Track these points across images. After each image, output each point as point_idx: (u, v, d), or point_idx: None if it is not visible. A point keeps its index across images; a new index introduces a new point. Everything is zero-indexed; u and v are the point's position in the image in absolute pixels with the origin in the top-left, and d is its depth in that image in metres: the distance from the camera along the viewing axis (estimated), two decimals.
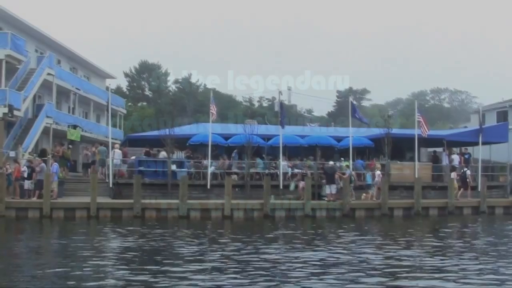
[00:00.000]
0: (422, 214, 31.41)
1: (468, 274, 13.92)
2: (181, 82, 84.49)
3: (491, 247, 19.58)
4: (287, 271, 14.29)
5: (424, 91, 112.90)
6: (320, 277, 13.26)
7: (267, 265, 14.98)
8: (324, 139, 37.43)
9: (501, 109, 51.18)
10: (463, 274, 13.93)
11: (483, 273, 14.19)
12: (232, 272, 13.97)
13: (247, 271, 14.08)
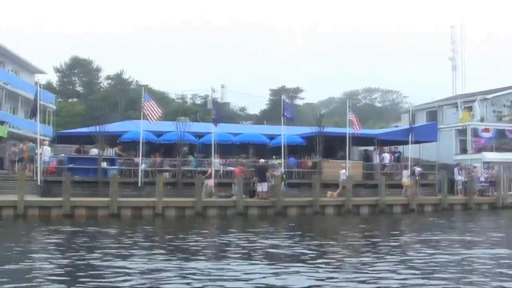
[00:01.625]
0: (353, 212, 33.01)
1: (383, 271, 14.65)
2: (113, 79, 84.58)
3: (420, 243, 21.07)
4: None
5: (356, 91, 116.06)
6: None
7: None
8: (257, 137, 38.80)
9: (431, 109, 54.08)
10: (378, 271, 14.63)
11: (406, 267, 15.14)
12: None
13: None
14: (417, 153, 41.61)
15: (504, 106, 49.97)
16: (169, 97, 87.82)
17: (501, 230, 26.82)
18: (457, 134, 46.85)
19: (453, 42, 67.40)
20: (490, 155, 44.35)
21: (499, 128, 46.57)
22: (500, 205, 38.18)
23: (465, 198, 37.93)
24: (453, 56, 67.41)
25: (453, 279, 13.54)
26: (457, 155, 45.87)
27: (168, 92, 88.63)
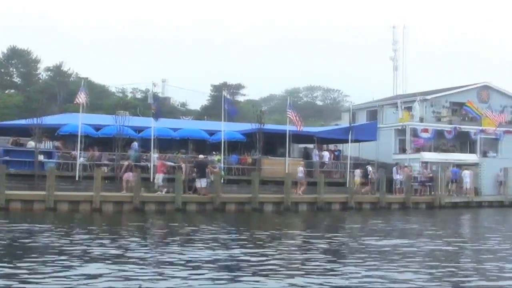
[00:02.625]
0: (292, 209, 34.12)
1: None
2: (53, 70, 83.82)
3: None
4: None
5: (298, 88, 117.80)
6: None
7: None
8: (197, 132, 39.60)
9: (372, 108, 55.78)
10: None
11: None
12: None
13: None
14: (356, 152, 42.95)
15: (443, 107, 51.83)
16: (109, 90, 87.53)
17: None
18: (397, 134, 48.48)
19: (395, 42, 69.16)
20: (429, 155, 46.06)
21: (438, 128, 48.25)
22: (437, 204, 39.83)
23: (403, 197, 39.41)
24: (395, 56, 69.19)
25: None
26: (396, 155, 47.46)
27: (109, 86, 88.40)
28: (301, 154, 42.81)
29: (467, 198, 42.58)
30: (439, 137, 48.42)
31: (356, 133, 40.59)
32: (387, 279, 13.38)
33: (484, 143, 49.98)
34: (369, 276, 13.69)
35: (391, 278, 13.52)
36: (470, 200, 42.46)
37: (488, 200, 44.38)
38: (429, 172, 42.91)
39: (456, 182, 43.48)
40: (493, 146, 50.71)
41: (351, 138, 39.97)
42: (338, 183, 39.09)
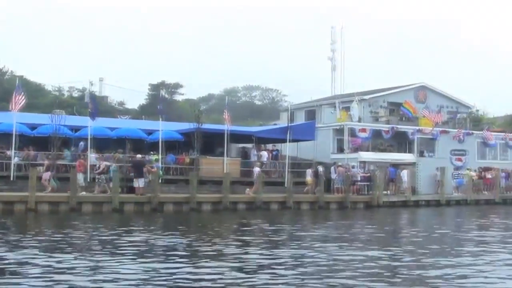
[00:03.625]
0: (231, 208, 35.04)
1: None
2: None
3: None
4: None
5: (236, 88, 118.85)
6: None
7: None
8: (134, 132, 40.14)
9: (310, 108, 57.13)
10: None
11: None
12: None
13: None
14: (294, 151, 43.99)
15: (381, 107, 53.48)
16: (45, 89, 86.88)
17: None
18: (335, 134, 49.55)
19: (333, 42, 70.59)
20: (366, 155, 47.35)
21: (375, 128, 49.69)
22: (376, 204, 41.11)
23: (341, 197, 40.49)
24: (333, 57, 70.60)
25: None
26: (334, 154, 48.60)
27: (44, 84, 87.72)
28: (239, 154, 43.66)
29: (405, 197, 43.86)
30: (377, 137, 49.70)
31: (295, 132, 41.62)
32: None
33: (421, 143, 51.63)
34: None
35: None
36: (407, 199, 43.69)
37: (425, 199, 45.66)
38: (367, 172, 44.18)
39: (394, 181, 45.06)
40: (429, 146, 52.40)
41: (290, 137, 40.99)
42: (277, 183, 40.07)
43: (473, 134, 54.54)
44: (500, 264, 16.93)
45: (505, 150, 56.93)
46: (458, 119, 57.08)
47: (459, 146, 53.32)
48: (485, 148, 55.42)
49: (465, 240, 23.12)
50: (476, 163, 53.54)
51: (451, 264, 16.49)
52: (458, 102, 59.18)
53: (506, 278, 14.76)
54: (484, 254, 18.71)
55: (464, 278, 14.54)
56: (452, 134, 53.04)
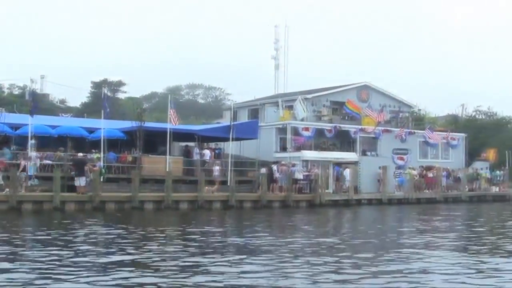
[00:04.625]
0: (173, 207, 35.63)
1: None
2: None
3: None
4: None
5: (180, 86, 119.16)
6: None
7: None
8: (76, 130, 40.34)
9: (253, 107, 58.10)
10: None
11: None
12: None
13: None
14: (238, 150, 44.77)
15: (324, 106, 54.71)
16: None
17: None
18: (278, 132, 50.63)
19: (276, 41, 71.72)
20: (309, 154, 48.33)
21: (318, 127, 50.80)
22: (318, 202, 42.05)
23: (283, 195, 41.37)
24: (276, 55, 71.74)
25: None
26: (277, 153, 49.60)
27: None
28: (182, 152, 44.16)
29: (347, 196, 45.01)
30: (320, 135, 50.77)
31: (237, 131, 42.41)
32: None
33: (364, 142, 53.11)
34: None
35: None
36: (350, 198, 44.78)
37: (367, 198, 46.79)
38: (310, 170, 45.16)
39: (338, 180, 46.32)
40: (372, 145, 53.93)
41: (232, 136, 41.79)
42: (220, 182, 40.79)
43: (415, 133, 56.21)
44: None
45: (447, 150, 58.87)
46: (401, 118, 58.81)
47: (401, 145, 54.99)
48: (426, 147, 57.20)
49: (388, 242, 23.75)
50: (418, 162, 55.29)
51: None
52: (400, 101, 60.82)
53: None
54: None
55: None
56: (394, 133, 54.65)
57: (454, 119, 77.06)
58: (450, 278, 14.54)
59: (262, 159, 45.54)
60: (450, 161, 57.89)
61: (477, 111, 79.18)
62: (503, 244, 22.13)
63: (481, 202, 53.40)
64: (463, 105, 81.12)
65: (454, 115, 79.97)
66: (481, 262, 17.09)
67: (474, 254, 18.92)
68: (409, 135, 55.54)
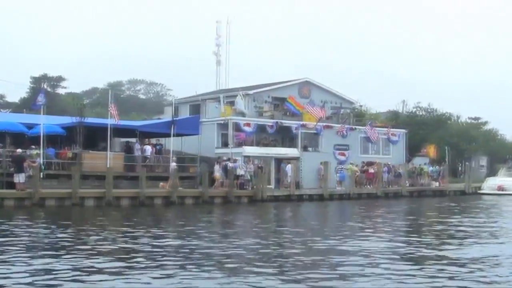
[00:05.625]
0: (114, 204, 35.97)
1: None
2: None
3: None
4: None
5: (121, 82, 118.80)
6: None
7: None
8: (14, 125, 40.15)
9: (194, 103, 58.61)
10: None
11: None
12: None
13: None
14: (179, 146, 45.23)
15: (265, 102, 55.57)
16: None
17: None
18: (219, 128, 51.34)
19: (218, 37, 72.23)
20: (251, 149, 49.14)
21: (259, 123, 51.56)
22: (259, 198, 42.89)
23: (225, 191, 42.08)
24: (218, 51, 72.29)
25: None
26: (218, 149, 50.28)
27: None
28: (122, 148, 44.38)
29: (288, 192, 45.96)
30: (261, 131, 51.55)
31: (179, 127, 42.81)
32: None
33: (305, 138, 54.06)
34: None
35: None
36: (291, 193, 45.72)
37: (308, 193, 47.72)
38: (251, 166, 45.90)
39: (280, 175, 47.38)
40: (313, 141, 54.94)
41: (174, 132, 42.25)
42: (161, 178, 41.26)
43: (356, 129, 57.51)
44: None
45: (387, 145, 60.33)
46: (342, 115, 59.94)
47: (342, 141, 56.25)
48: (367, 143, 58.49)
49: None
50: (359, 157, 56.58)
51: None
52: (341, 97, 62.13)
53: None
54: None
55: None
56: (336, 129, 55.81)
57: (395, 115, 78.79)
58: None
59: (203, 155, 46.05)
60: (390, 157, 59.36)
61: (417, 108, 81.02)
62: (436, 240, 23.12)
63: (421, 197, 55.04)
64: (404, 101, 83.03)
65: (395, 111, 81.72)
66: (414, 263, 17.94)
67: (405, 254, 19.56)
68: (350, 131, 56.74)
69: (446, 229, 27.43)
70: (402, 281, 14.48)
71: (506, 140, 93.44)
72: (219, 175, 42.82)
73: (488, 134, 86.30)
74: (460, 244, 21.37)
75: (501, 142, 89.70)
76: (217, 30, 72.21)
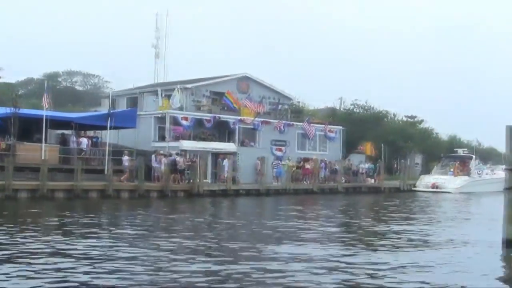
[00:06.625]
0: (48, 196, 36.01)
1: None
2: None
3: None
4: None
5: (57, 73, 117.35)
6: None
7: None
8: None
9: (132, 96, 58.65)
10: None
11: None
12: None
13: None
14: (116, 139, 45.27)
15: (204, 96, 55.95)
16: None
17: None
18: (157, 122, 51.51)
19: (157, 29, 72.38)
20: (188, 144, 49.39)
21: (197, 117, 51.98)
22: (196, 192, 43.34)
23: (161, 185, 42.41)
24: (157, 44, 72.38)
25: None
26: (155, 142, 50.45)
27: None
28: (58, 140, 44.17)
29: (225, 186, 46.46)
30: (199, 125, 51.90)
31: (116, 119, 42.78)
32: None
33: (243, 133, 54.70)
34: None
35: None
36: (228, 188, 46.24)
37: (245, 188, 48.27)
38: (188, 160, 46.21)
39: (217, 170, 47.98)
40: (251, 136, 55.57)
41: (111, 124, 42.30)
42: (96, 170, 41.30)
43: (294, 125, 58.33)
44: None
45: (324, 142, 61.35)
46: (280, 110, 60.75)
47: (280, 137, 57.03)
48: (305, 139, 59.41)
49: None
50: (296, 153, 57.42)
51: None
52: (280, 93, 62.81)
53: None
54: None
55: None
56: (273, 125, 56.58)
57: (332, 112, 79.89)
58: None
59: (140, 148, 46.17)
60: (327, 153, 60.42)
61: (354, 105, 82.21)
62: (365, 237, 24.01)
63: (357, 193, 56.21)
64: (341, 98, 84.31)
65: (333, 108, 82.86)
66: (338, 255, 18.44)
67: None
68: (288, 127, 57.56)
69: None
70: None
71: (441, 139, 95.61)
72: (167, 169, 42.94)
73: (423, 132, 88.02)
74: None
75: (436, 140, 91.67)
76: (157, 23, 72.32)
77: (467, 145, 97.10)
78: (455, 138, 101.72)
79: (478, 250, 19.53)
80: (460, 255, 18.42)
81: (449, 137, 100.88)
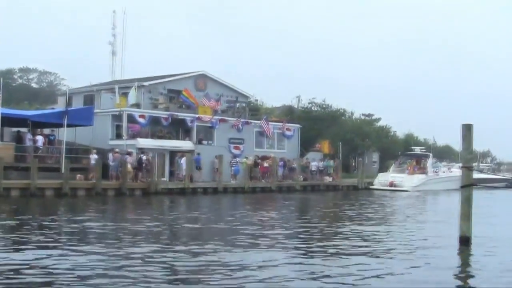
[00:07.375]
0: (4, 194, 35.99)
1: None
2: None
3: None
4: None
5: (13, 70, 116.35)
6: None
7: None
8: None
9: (88, 93, 58.45)
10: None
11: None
12: None
13: None
14: (72, 137, 45.21)
15: (161, 94, 56.04)
16: None
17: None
18: (113, 119, 51.41)
19: (114, 27, 72.16)
20: (145, 141, 49.45)
21: (154, 115, 52.09)
22: (153, 190, 43.53)
23: (118, 183, 42.60)
24: (114, 41, 72.16)
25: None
26: (112, 140, 50.40)
27: None
28: (13, 138, 44.02)
29: (183, 185, 46.66)
30: (156, 123, 52.04)
31: (72, 117, 42.89)
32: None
33: (200, 131, 54.81)
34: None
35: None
36: (185, 186, 46.41)
37: (202, 186, 48.55)
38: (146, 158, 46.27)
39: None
40: (208, 134, 55.80)
41: (67, 122, 42.24)
42: (53, 169, 41.24)
43: (251, 123, 58.76)
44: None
45: (282, 140, 61.89)
46: (237, 108, 61.13)
47: (237, 135, 57.42)
48: (262, 137, 59.86)
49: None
50: (254, 151, 57.81)
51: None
52: (237, 91, 63.08)
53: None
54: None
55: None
56: (231, 123, 56.93)
57: (290, 110, 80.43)
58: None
59: (96, 146, 46.18)
60: (285, 151, 60.99)
61: (312, 103, 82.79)
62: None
63: (315, 191, 56.70)
64: (299, 96, 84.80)
65: (290, 106, 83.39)
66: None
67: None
68: (245, 125, 57.96)
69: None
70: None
71: (398, 137, 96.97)
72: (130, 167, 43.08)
73: (380, 130, 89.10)
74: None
75: (393, 138, 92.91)
76: (113, 20, 72.14)
77: (423, 143, 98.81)
78: (411, 137, 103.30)
79: (435, 248, 19.86)
80: (418, 253, 18.75)
81: (406, 136, 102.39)
